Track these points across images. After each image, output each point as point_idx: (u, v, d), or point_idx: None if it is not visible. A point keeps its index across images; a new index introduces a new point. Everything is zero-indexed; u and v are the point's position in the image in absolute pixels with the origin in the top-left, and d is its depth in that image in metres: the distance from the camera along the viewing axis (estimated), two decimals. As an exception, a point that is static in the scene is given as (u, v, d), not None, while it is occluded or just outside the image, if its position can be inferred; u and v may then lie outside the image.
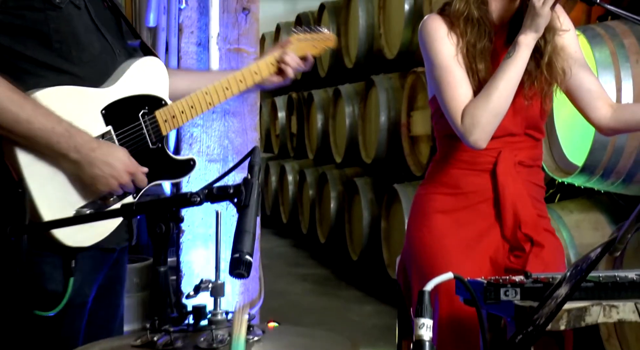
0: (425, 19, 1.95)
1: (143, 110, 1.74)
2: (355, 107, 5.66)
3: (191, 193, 1.36)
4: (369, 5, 5.38)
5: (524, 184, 1.96)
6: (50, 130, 1.56)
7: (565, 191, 3.25)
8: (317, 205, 6.36)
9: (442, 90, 1.88)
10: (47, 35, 1.61)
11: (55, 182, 1.60)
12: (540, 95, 1.93)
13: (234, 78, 1.88)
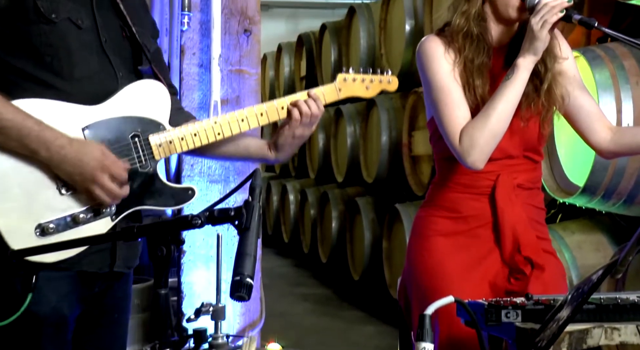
0: (422, 40, 1.97)
1: (134, 132, 1.69)
2: (356, 127, 5.67)
3: (192, 215, 1.36)
4: (369, 26, 5.41)
5: (524, 206, 1.96)
6: (21, 122, 1.53)
7: (567, 211, 3.25)
8: (319, 224, 6.35)
9: (440, 111, 1.88)
10: (38, 48, 1.59)
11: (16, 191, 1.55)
12: (538, 118, 1.94)
13: (250, 110, 1.76)
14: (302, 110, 1.75)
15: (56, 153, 1.56)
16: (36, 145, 1.55)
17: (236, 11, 2.69)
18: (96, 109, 1.65)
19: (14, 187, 1.57)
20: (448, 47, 1.91)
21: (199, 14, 2.65)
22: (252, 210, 1.34)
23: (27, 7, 1.59)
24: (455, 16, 1.90)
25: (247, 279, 1.25)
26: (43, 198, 1.59)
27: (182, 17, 2.57)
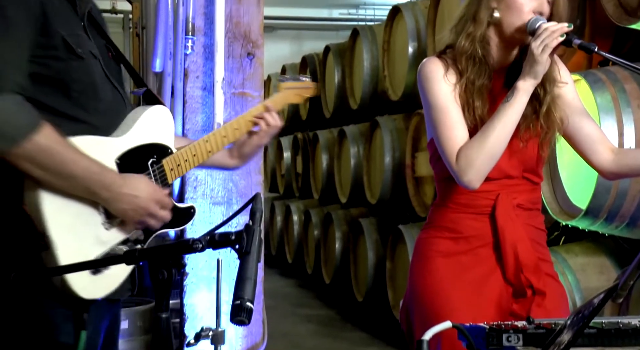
0: (423, 62, 1.99)
1: (152, 159, 1.76)
2: (360, 148, 5.69)
3: (193, 239, 1.37)
4: (373, 48, 5.45)
5: (524, 227, 1.97)
6: (89, 170, 1.59)
7: (570, 234, 3.25)
8: (322, 245, 6.35)
9: (439, 131, 1.90)
10: (68, 85, 1.62)
11: (73, 233, 1.60)
12: (537, 140, 1.95)
13: (230, 126, 1.93)
14: (269, 122, 1.97)
15: (115, 193, 1.63)
16: (98, 189, 1.61)
17: (239, 35, 2.72)
18: (123, 139, 1.71)
19: (68, 226, 1.60)
20: (448, 69, 1.93)
21: (203, 38, 2.68)
22: (252, 234, 1.35)
23: (57, 44, 1.60)
24: (460, 38, 1.92)
25: (247, 303, 1.25)
26: (92, 235, 1.64)
27: (186, 40, 2.60)
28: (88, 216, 1.63)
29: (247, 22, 2.74)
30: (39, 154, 1.53)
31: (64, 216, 1.59)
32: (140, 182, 1.68)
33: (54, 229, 1.56)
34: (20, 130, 1.51)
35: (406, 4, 5.05)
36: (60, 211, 1.59)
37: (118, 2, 7.46)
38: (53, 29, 1.59)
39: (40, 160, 1.54)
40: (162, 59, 2.55)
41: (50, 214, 1.57)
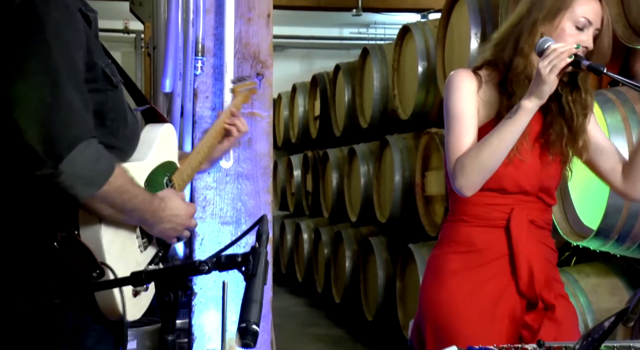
0: (453, 71, 2.00)
1: (166, 177, 1.79)
2: (370, 167, 5.69)
3: (200, 261, 1.37)
4: (383, 67, 5.46)
5: (537, 244, 1.97)
6: (144, 201, 1.63)
7: (581, 254, 3.22)
8: (332, 264, 6.33)
9: (448, 137, 1.94)
10: (104, 114, 1.63)
11: (123, 260, 1.63)
12: (560, 160, 1.97)
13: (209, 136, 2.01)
14: (240, 128, 2.06)
15: (159, 217, 1.67)
16: (149, 216, 1.66)
17: (249, 55, 2.74)
18: (146, 162, 1.74)
19: (118, 254, 1.62)
20: (482, 86, 1.95)
21: (212, 59, 2.70)
22: (258, 256, 1.35)
23: (98, 76, 1.60)
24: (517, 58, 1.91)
25: (253, 326, 1.25)
26: (133, 259, 1.67)
27: (196, 61, 2.62)
28: (130, 242, 1.67)
29: (257, 43, 2.75)
30: (113, 195, 1.55)
31: (116, 245, 1.62)
32: (176, 201, 1.72)
33: (110, 258, 1.58)
34: (102, 175, 1.53)
35: (416, 23, 5.06)
36: (113, 240, 1.61)
37: (130, 22, 7.53)
38: (93, 62, 1.59)
39: (114, 200, 1.56)
40: (171, 79, 2.56)
41: (107, 243, 1.58)
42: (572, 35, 1.89)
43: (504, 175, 1.92)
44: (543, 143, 1.95)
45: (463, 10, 4.00)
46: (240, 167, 2.74)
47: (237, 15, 2.70)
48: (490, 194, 1.94)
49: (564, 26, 1.89)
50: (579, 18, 1.89)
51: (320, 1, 7.17)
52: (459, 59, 4.09)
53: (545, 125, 1.95)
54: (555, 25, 1.90)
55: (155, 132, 1.79)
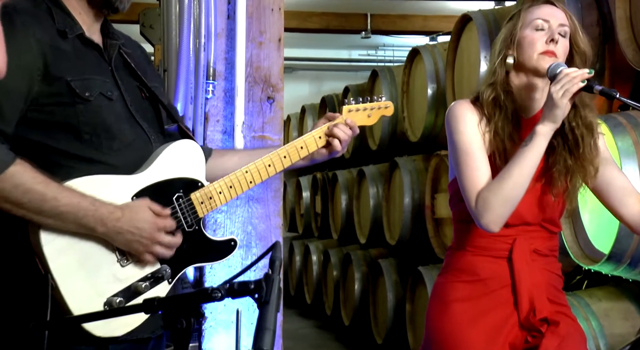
0: (454, 103, 2.00)
1: (177, 194, 1.74)
2: (379, 189, 5.68)
3: (212, 288, 1.37)
4: (392, 90, 5.48)
5: (541, 271, 1.96)
6: (77, 205, 1.57)
7: (592, 278, 3.20)
8: (342, 286, 6.30)
9: (462, 172, 1.91)
10: (77, 128, 1.64)
11: (82, 272, 1.60)
12: (564, 193, 1.95)
13: (277, 154, 1.85)
14: (342, 138, 1.88)
15: (112, 226, 1.61)
16: (93, 223, 1.60)
17: (260, 79, 2.75)
18: (141, 176, 1.70)
19: (75, 266, 1.60)
20: (479, 116, 1.95)
21: (224, 82, 2.71)
22: (272, 283, 1.34)
23: (61, 90, 1.63)
24: (483, 89, 1.94)
25: (266, 354, 1.24)
26: (106, 272, 1.63)
27: (207, 85, 2.63)
28: (100, 254, 1.62)
29: (268, 67, 2.77)
30: (12, 193, 1.53)
31: (70, 255, 1.58)
32: (139, 210, 1.64)
33: (57, 269, 1.56)
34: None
35: (425, 46, 5.08)
36: (64, 250, 1.58)
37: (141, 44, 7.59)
38: (57, 76, 1.62)
39: (16, 199, 1.53)
40: (183, 103, 2.58)
41: (52, 253, 1.56)
42: (536, 37, 1.90)
43: None
44: (546, 178, 1.94)
45: (473, 34, 4.01)
46: (251, 191, 2.74)
47: (249, 39, 2.72)
48: None
49: (524, 35, 1.91)
50: (533, 21, 1.92)
51: (329, 23, 7.23)
52: (468, 81, 4.10)
53: (548, 163, 1.94)
54: (514, 40, 1.91)
55: (163, 148, 1.75)
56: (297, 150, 1.87)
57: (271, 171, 1.84)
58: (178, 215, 1.73)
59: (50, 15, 1.66)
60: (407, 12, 7.24)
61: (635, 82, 2.98)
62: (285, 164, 1.85)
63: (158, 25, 5.29)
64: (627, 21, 2.78)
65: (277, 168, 1.85)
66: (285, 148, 1.86)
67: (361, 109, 1.96)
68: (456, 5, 6.76)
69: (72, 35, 1.67)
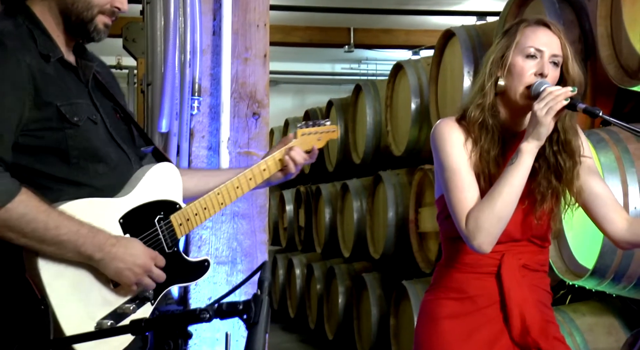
0: (439, 121, 2.00)
1: (159, 216, 1.77)
2: (363, 202, 5.68)
3: (200, 309, 1.36)
4: (376, 104, 5.50)
5: (530, 287, 1.96)
6: (76, 233, 1.59)
7: (576, 293, 3.21)
8: (325, 300, 6.28)
9: (450, 193, 1.91)
10: (65, 152, 1.65)
11: (75, 296, 1.61)
12: (550, 214, 1.96)
13: (244, 176, 1.95)
14: (298, 161, 2.00)
15: (108, 253, 1.63)
16: (91, 251, 1.62)
17: (245, 95, 2.75)
18: (126, 199, 1.73)
19: (70, 290, 1.61)
20: (464, 136, 1.95)
21: (209, 98, 2.71)
22: (260, 304, 1.33)
23: (51, 115, 1.64)
24: (471, 108, 1.94)
25: (255, 376, 1.23)
26: (97, 294, 1.64)
27: (192, 101, 2.63)
28: (92, 277, 1.64)
29: (253, 83, 2.77)
30: (16, 222, 1.55)
31: (64, 279, 1.59)
32: (134, 242, 1.68)
33: (52, 293, 1.57)
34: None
35: (408, 60, 5.12)
36: (60, 274, 1.59)
37: (123, 58, 7.57)
38: (46, 101, 1.63)
39: (20, 228, 1.55)
40: (168, 119, 2.57)
41: (48, 278, 1.57)
42: (526, 67, 1.91)
43: None
44: (530, 199, 1.95)
45: (456, 49, 4.04)
46: (236, 206, 2.74)
47: (234, 55, 2.72)
48: None
49: (515, 62, 1.92)
50: (527, 48, 1.92)
51: (312, 38, 7.26)
52: (452, 96, 4.12)
53: (530, 186, 1.95)
54: (505, 64, 1.92)
55: (145, 170, 1.79)
56: (261, 172, 1.98)
57: (239, 192, 1.94)
58: (159, 237, 1.76)
59: (32, 38, 1.66)
60: (389, 27, 7.29)
61: (616, 98, 3.02)
62: (251, 185, 1.96)
63: (141, 39, 5.28)
64: (609, 38, 2.81)
65: (244, 189, 1.95)
66: (251, 170, 1.97)
67: (313, 132, 2.08)
68: (438, 20, 6.81)
69: (54, 59, 1.67)
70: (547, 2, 3.05)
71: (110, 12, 1.72)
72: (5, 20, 1.66)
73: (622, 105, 3.03)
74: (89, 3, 1.69)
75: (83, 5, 1.69)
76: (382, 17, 6.81)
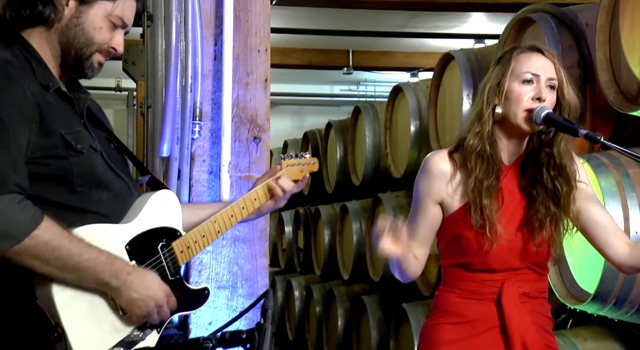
0: (430, 154, 2.01)
1: (161, 243, 1.78)
2: (362, 224, 5.67)
3: (203, 338, 1.36)
4: (375, 126, 5.51)
5: (531, 313, 1.96)
6: (96, 260, 1.60)
7: (578, 317, 3.20)
8: (325, 322, 6.25)
9: (407, 223, 1.99)
10: (71, 180, 1.66)
11: (88, 322, 1.61)
12: (549, 242, 1.96)
13: (237, 205, 2.00)
14: (287, 189, 2.06)
15: (124, 281, 1.64)
16: (108, 278, 1.62)
17: (246, 119, 2.76)
18: (131, 226, 1.74)
19: (83, 316, 1.60)
20: (457, 170, 1.95)
21: (210, 123, 2.72)
22: (264, 333, 1.33)
23: (57, 143, 1.65)
24: (468, 137, 1.95)
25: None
26: (107, 321, 1.64)
27: (194, 125, 2.64)
28: (103, 303, 1.64)
29: (254, 107, 2.78)
30: (41, 249, 1.54)
31: (77, 305, 1.59)
32: (150, 274, 1.69)
33: (66, 319, 1.56)
34: (21, 228, 1.53)
35: (407, 83, 5.14)
36: (72, 301, 1.59)
37: (123, 80, 7.60)
38: (51, 129, 1.64)
39: (44, 255, 1.55)
40: (169, 144, 2.57)
41: (62, 304, 1.57)
42: (523, 93, 1.92)
43: (492, 256, 1.92)
44: (528, 226, 1.95)
45: (455, 72, 4.06)
46: (237, 231, 2.73)
47: (235, 80, 2.73)
48: (480, 273, 1.95)
49: (512, 88, 1.93)
50: (522, 75, 1.93)
51: (311, 60, 7.30)
52: (451, 119, 4.14)
53: (529, 213, 1.96)
54: (502, 91, 1.93)
55: (147, 197, 1.80)
56: (252, 201, 2.03)
57: (234, 221, 1.99)
58: (162, 264, 1.76)
59: (30, 68, 1.67)
60: (388, 49, 7.34)
61: (616, 122, 3.03)
62: (244, 214, 2.02)
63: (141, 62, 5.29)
64: (607, 63, 2.83)
65: (237, 218, 2.00)
66: (243, 199, 2.02)
67: (296, 163, 2.17)
68: (436, 42, 6.86)
69: (52, 89, 1.69)
70: (546, 27, 3.08)
71: (106, 51, 1.75)
72: (3, 50, 1.67)
73: (622, 130, 3.04)
74: (90, 40, 1.71)
75: (84, 41, 1.71)
76: (380, 39, 6.85)
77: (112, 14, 1.72)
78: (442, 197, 1.96)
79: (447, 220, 1.98)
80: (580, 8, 3.23)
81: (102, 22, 1.71)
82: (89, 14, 1.70)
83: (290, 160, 2.15)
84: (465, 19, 6.17)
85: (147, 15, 3.33)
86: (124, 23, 1.75)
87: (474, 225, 1.90)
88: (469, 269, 1.95)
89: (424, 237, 2.00)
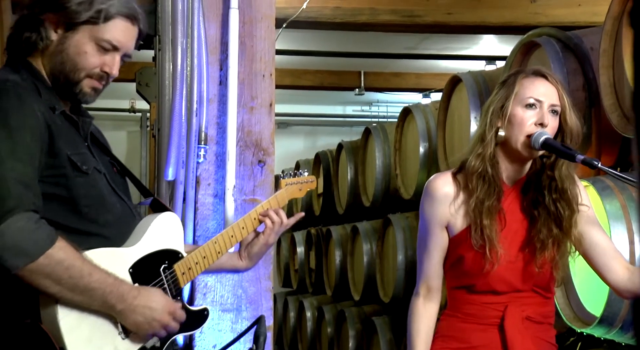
0: (433, 176, 2.02)
1: (164, 265, 1.80)
2: (372, 245, 5.67)
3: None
4: (385, 147, 5.53)
5: (533, 340, 1.95)
6: (104, 281, 1.63)
7: (586, 340, 3.18)
8: (336, 343, 6.23)
9: (419, 250, 2.01)
10: (76, 201, 1.69)
11: (92, 346, 1.63)
12: (551, 263, 1.97)
13: (237, 226, 2.04)
14: (274, 219, 2.06)
15: (129, 304, 1.66)
16: (115, 300, 1.64)
17: (251, 143, 2.78)
18: (134, 248, 1.76)
19: (86, 340, 1.63)
20: (460, 191, 1.97)
21: (215, 147, 2.74)
22: (256, 359, 1.34)
23: (64, 163, 1.68)
24: (470, 157, 1.96)
25: None
26: (110, 344, 1.66)
27: (199, 149, 2.66)
28: (106, 327, 1.66)
29: (259, 131, 2.80)
30: (55, 268, 1.56)
31: (82, 329, 1.61)
32: (155, 294, 1.71)
33: (71, 343, 1.58)
34: (37, 246, 1.55)
35: (417, 105, 5.16)
36: (77, 325, 1.61)
37: (137, 102, 7.68)
38: (59, 149, 1.67)
39: (57, 274, 1.57)
40: (174, 167, 2.60)
41: (66, 329, 1.59)
42: (526, 117, 1.93)
43: (494, 277, 1.93)
44: (530, 248, 1.96)
45: (463, 94, 4.08)
46: (242, 254, 2.74)
47: (240, 104, 2.76)
48: (483, 295, 1.95)
49: (515, 112, 1.94)
50: (525, 99, 1.94)
51: (323, 81, 7.33)
52: (459, 140, 4.14)
53: (530, 234, 1.96)
54: (505, 114, 1.94)
55: (150, 220, 1.82)
56: (252, 221, 2.07)
57: (234, 241, 2.03)
58: (165, 286, 1.77)
59: (37, 91, 1.71)
60: (400, 70, 7.36)
61: (621, 145, 3.02)
62: (243, 234, 2.05)
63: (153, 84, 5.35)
64: (611, 87, 2.84)
65: (237, 238, 2.04)
66: (243, 220, 2.06)
67: (295, 182, 2.20)
68: (448, 63, 6.87)
69: (58, 111, 1.72)
70: (551, 51, 3.09)
71: (98, 76, 1.75)
72: (12, 74, 1.71)
73: (628, 152, 3.04)
74: (75, 65, 1.72)
75: (70, 66, 1.72)
76: (392, 61, 6.88)
77: (98, 38, 1.72)
78: (447, 219, 1.97)
79: (451, 242, 1.99)
80: (585, 32, 3.24)
81: (88, 46, 1.71)
82: (73, 39, 1.72)
83: (289, 179, 2.17)
84: (476, 40, 6.19)
85: (159, 39, 3.37)
86: (115, 46, 1.74)
87: (474, 246, 1.91)
88: (472, 291, 1.95)
89: (441, 266, 2.01)
